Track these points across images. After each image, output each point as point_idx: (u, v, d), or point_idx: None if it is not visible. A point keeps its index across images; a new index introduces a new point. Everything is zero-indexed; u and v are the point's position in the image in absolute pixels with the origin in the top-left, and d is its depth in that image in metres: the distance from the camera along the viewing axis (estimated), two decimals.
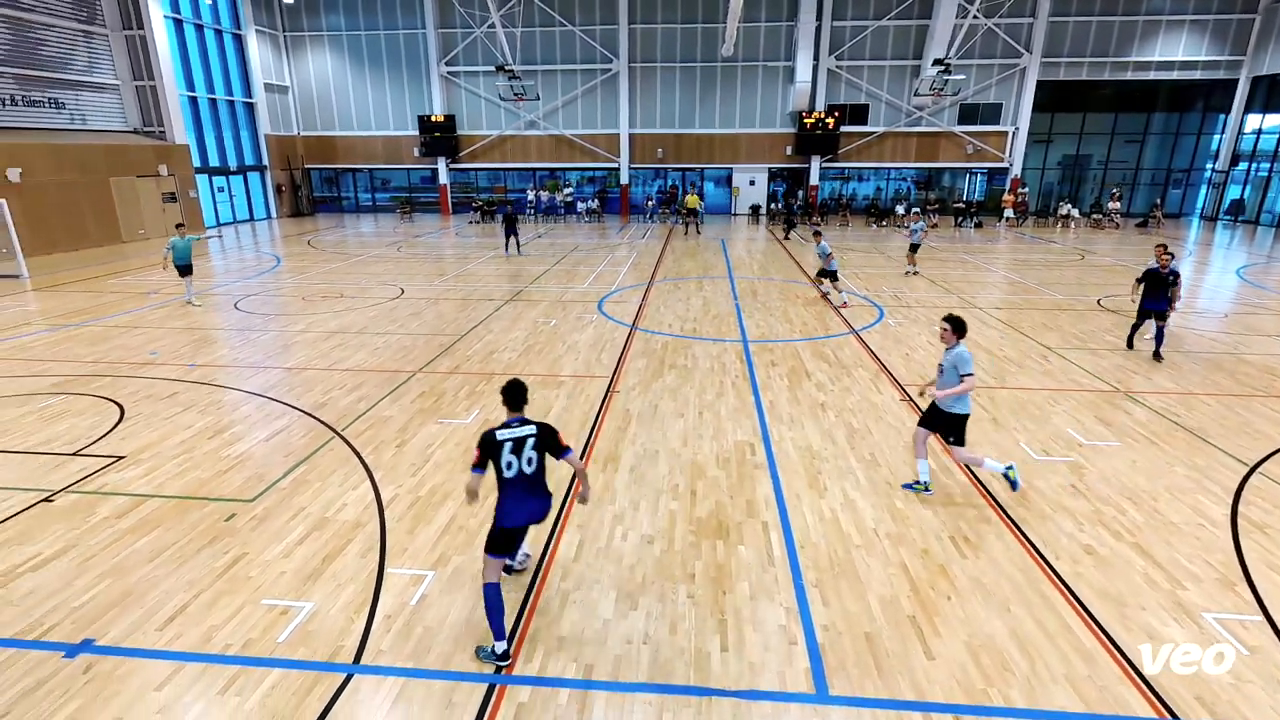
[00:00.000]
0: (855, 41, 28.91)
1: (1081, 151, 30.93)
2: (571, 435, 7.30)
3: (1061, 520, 5.65)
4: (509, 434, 4.01)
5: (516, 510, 4.08)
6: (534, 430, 4.07)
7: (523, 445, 4.02)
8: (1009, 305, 13.66)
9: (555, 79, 30.51)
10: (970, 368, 5.57)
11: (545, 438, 4.09)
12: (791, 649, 4.20)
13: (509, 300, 14.05)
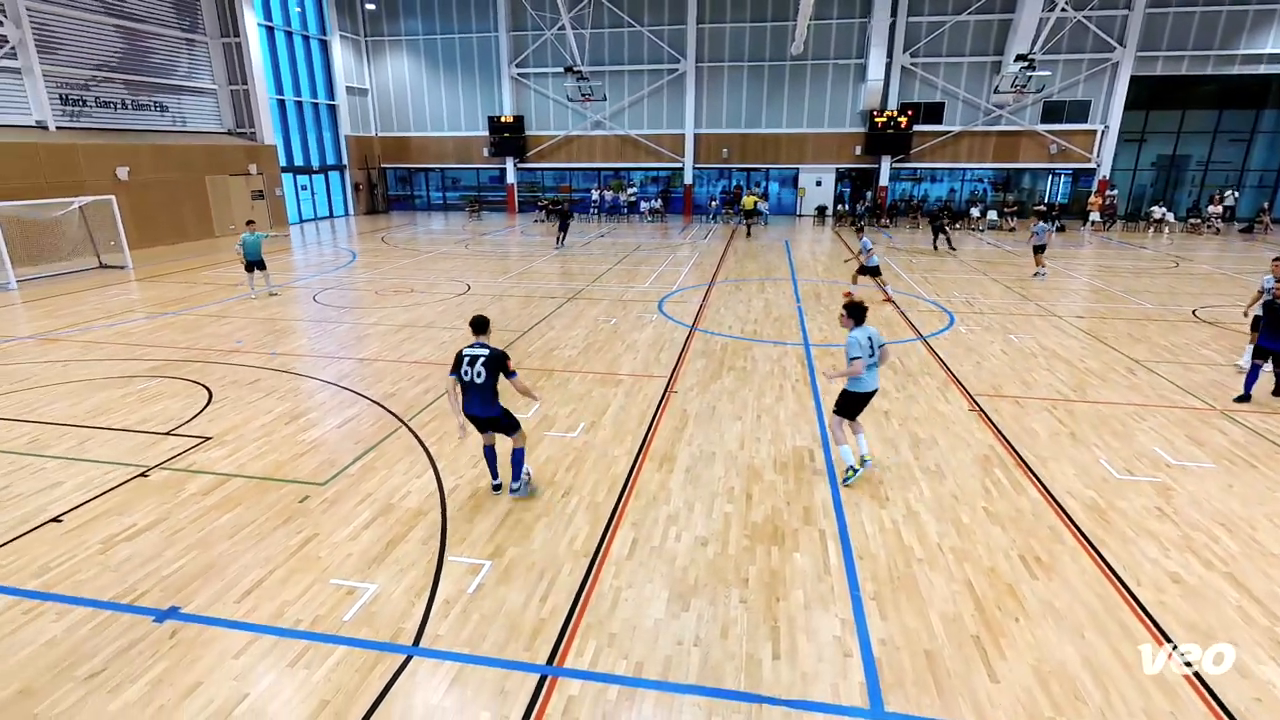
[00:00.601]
0: (932, 38, 27.91)
1: (1179, 151, 28.91)
2: (629, 434, 7.34)
3: (1145, 544, 5.30)
4: (469, 351, 5.57)
5: (468, 405, 5.69)
6: (486, 353, 5.52)
7: (475, 361, 5.51)
8: (1092, 314, 12.92)
9: (622, 79, 30.73)
10: (855, 351, 6.03)
11: (493, 360, 5.51)
12: (846, 661, 4.10)
13: (570, 298, 14.24)
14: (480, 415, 5.70)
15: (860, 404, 6.31)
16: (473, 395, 5.59)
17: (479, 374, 5.49)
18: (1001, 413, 7.97)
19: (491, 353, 5.51)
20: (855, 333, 6.11)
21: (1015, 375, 9.31)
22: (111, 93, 21.87)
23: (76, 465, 6.59)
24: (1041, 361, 9.92)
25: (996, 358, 10.11)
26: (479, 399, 5.60)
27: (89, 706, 3.75)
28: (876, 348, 6.14)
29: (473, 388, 5.55)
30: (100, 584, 4.79)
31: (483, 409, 5.65)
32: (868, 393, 6.25)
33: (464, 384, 5.57)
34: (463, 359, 5.52)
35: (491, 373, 5.50)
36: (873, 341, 6.11)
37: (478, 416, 5.72)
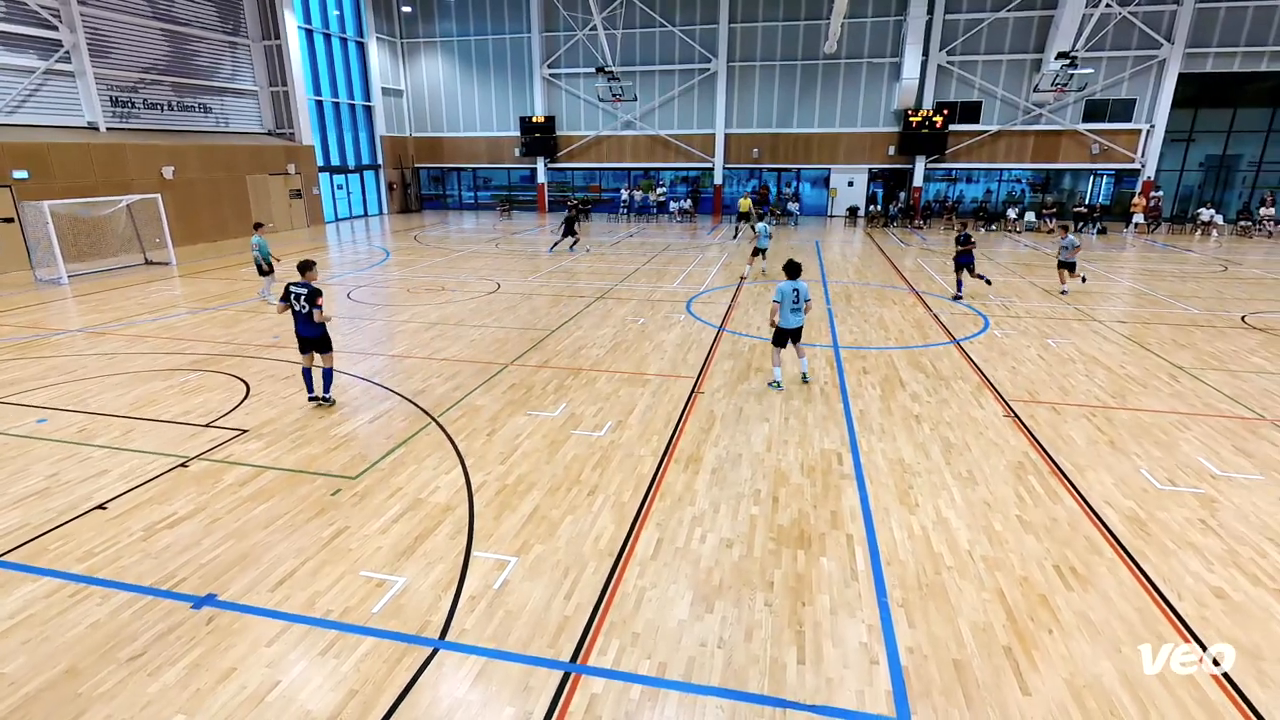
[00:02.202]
0: (969, 35, 27.36)
1: (1229, 151, 27.88)
2: (655, 434, 7.34)
3: (1187, 558, 5.13)
4: (294, 288, 7.51)
5: (298, 327, 7.70)
6: (305, 289, 7.48)
7: (300, 296, 7.50)
8: (1134, 319, 12.54)
9: (653, 79, 30.74)
10: (776, 298, 8.35)
11: (310, 295, 7.46)
12: (873, 668, 4.04)
13: (599, 297, 14.29)
14: (306, 335, 7.64)
15: (784, 336, 8.55)
16: (299, 321, 7.59)
17: (303, 306, 7.45)
18: (1037, 419, 7.79)
19: (309, 289, 7.47)
20: (783, 285, 8.38)
21: (1052, 381, 9.08)
22: (159, 94, 22.60)
23: (121, 455, 6.82)
24: (1080, 367, 9.66)
25: (1033, 362, 9.87)
26: (304, 325, 7.58)
27: (129, 687, 3.88)
28: (802, 300, 8.42)
29: (298, 315, 7.54)
30: (141, 570, 4.95)
31: (306, 331, 7.61)
32: (790, 329, 8.48)
33: (294, 312, 7.57)
34: (289, 292, 7.49)
35: (309, 303, 7.42)
36: (798, 293, 8.38)
37: (304, 336, 7.66)
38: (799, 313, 8.42)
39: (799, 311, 8.40)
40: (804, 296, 8.41)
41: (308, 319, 7.54)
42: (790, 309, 8.36)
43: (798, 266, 8.42)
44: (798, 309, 8.38)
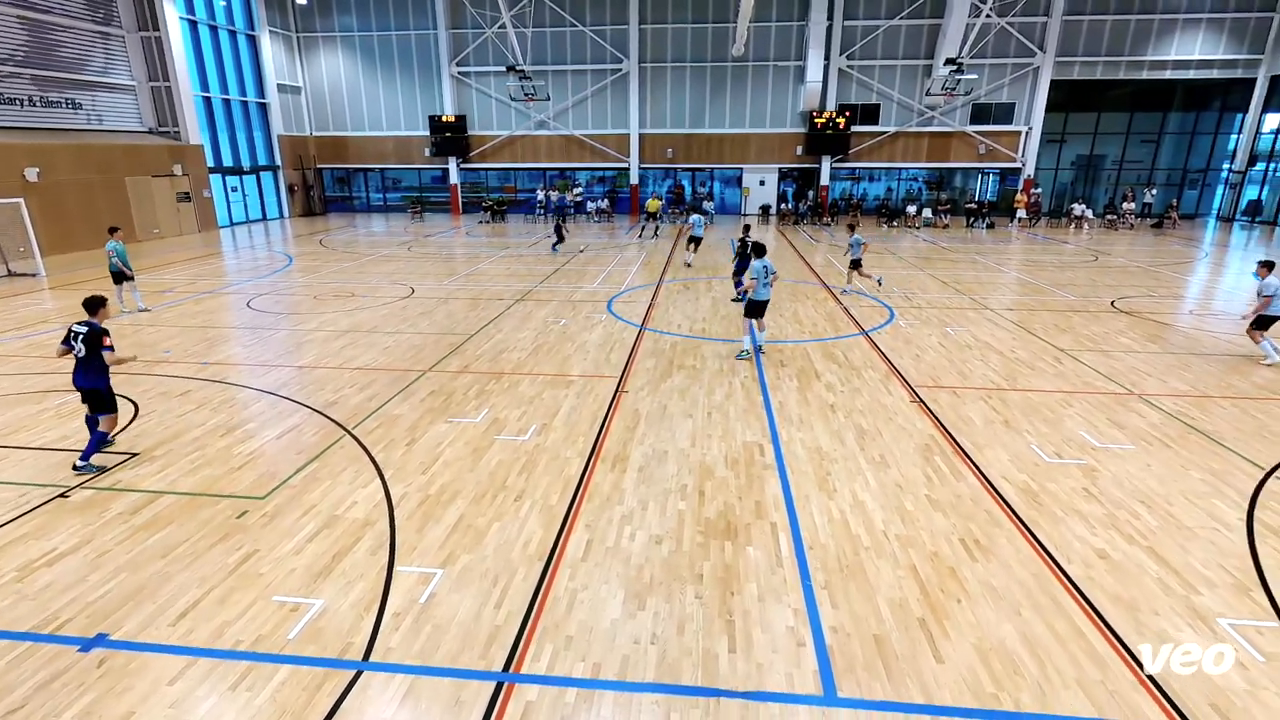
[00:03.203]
0: (866, 41, 28.78)
1: (1096, 151, 30.63)
2: (581, 435, 7.31)
3: (1074, 524, 5.60)
4: (75, 327, 6.24)
5: (74, 376, 6.33)
6: (85, 330, 6.18)
7: (78, 336, 6.19)
8: (1021, 306, 13.56)
9: (565, 79, 30.58)
10: (753, 275, 9.61)
11: (91, 336, 6.17)
12: (800, 650, 4.19)
13: (519, 299, 14.09)
14: (80, 385, 6.32)
15: (759, 308, 9.82)
16: (78, 368, 6.27)
17: (80, 349, 6.18)
18: (940, 403, 8.29)
19: (90, 330, 6.18)
20: (755, 263, 9.68)
21: (952, 367, 9.69)
22: (17, 88, 20.47)
23: None
24: (976, 353, 10.36)
25: (935, 350, 10.50)
26: (80, 372, 6.27)
27: None
28: (770, 274, 9.70)
29: (78, 360, 6.24)
30: (17, 614, 4.48)
31: (81, 379, 6.29)
32: (762, 301, 9.76)
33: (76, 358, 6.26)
34: (70, 333, 6.25)
35: (89, 347, 6.15)
36: (767, 270, 9.65)
37: (81, 388, 6.33)
38: (768, 287, 9.78)
39: (768, 286, 9.77)
40: (771, 271, 9.78)
41: (86, 365, 6.21)
42: (763, 283, 9.65)
43: (763, 247, 10.06)
44: (767, 284, 9.73)
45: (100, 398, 6.36)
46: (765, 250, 9.96)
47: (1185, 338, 11.26)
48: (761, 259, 9.74)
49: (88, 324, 6.26)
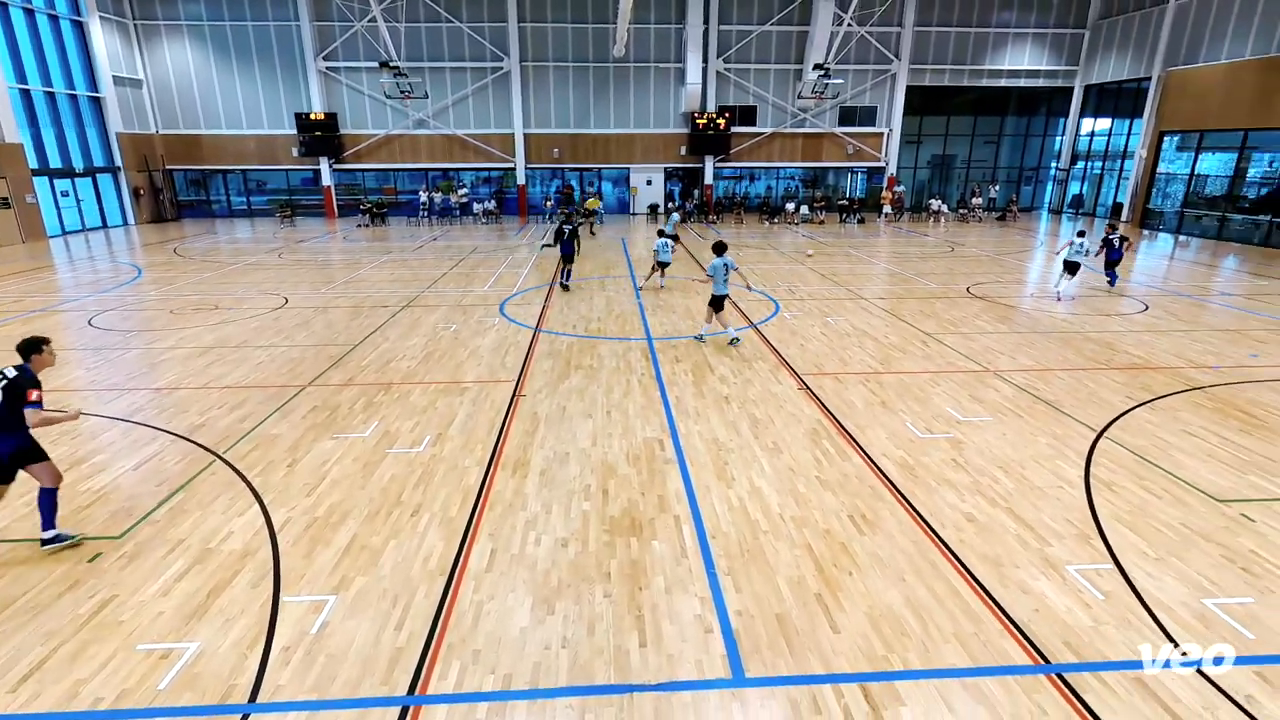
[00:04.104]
0: (741, 45, 29.92)
1: (947, 151, 33.56)
2: (479, 442, 7.13)
3: (945, 492, 6.12)
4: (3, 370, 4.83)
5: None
6: (11, 375, 4.77)
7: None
8: (891, 295, 14.62)
9: (444, 76, 29.61)
10: (711, 271, 10.29)
11: (12, 387, 4.74)
12: (708, 637, 4.30)
13: (405, 306, 13.51)
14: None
15: (720, 302, 10.36)
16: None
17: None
18: (825, 389, 8.79)
19: (15, 377, 4.76)
20: (715, 261, 10.21)
21: (834, 354, 10.30)
22: None
23: None
24: (854, 340, 11.06)
25: (817, 339, 11.11)
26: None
27: None
28: (730, 270, 10.25)
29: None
30: None
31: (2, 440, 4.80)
32: (722, 295, 10.30)
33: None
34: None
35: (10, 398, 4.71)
36: (727, 267, 10.21)
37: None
38: (727, 282, 10.33)
39: (727, 281, 10.31)
40: (731, 267, 10.30)
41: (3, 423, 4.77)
42: (721, 279, 10.20)
43: (724, 245, 10.50)
44: (726, 280, 10.29)
45: (26, 455, 4.92)
46: (725, 248, 10.37)
47: (1028, 318, 12.59)
48: (721, 256, 10.19)
49: (19, 368, 4.86)
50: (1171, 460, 6.70)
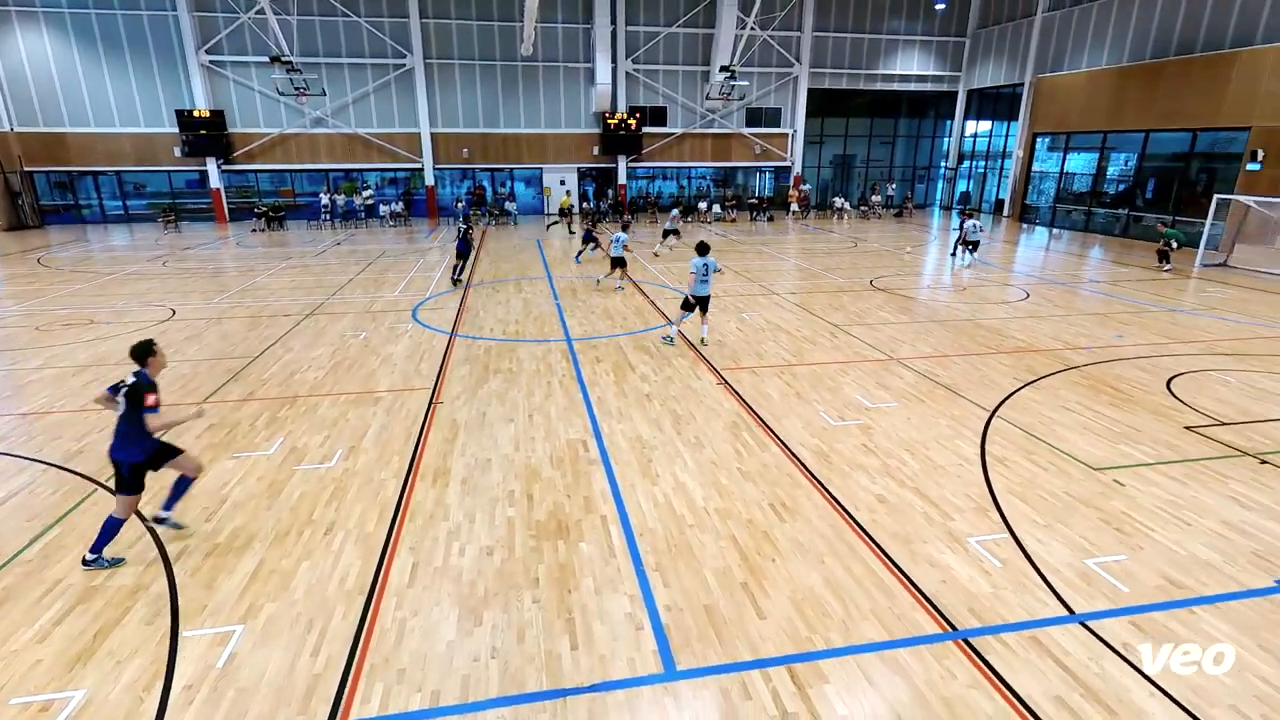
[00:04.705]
0: (650, 46, 30.22)
1: (848, 151, 35.19)
2: (395, 453, 6.87)
3: (858, 476, 6.42)
4: (123, 380, 4.91)
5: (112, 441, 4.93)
6: (130, 382, 4.86)
7: (121, 389, 4.86)
8: (801, 290, 15.19)
9: (342, 73, 28.26)
10: (692, 270, 10.08)
11: (134, 392, 4.84)
12: (639, 634, 4.33)
13: (308, 314, 12.82)
14: (110, 455, 4.94)
15: (695, 302, 10.23)
16: (117, 427, 4.91)
17: (120, 403, 4.88)
18: (743, 382, 9.03)
19: (133, 384, 4.86)
20: (696, 260, 10.07)
21: (749, 348, 10.59)
22: None
23: None
24: (768, 334, 11.42)
25: (734, 335, 11.39)
26: (117, 431, 4.91)
27: None
28: (711, 271, 10.08)
29: (119, 419, 4.90)
30: None
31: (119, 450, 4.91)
32: (700, 296, 10.18)
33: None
34: (118, 387, 4.92)
35: (129, 403, 4.84)
36: (708, 267, 10.04)
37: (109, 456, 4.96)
38: (707, 283, 10.14)
39: (707, 282, 10.12)
40: (713, 269, 10.10)
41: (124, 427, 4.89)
42: (701, 280, 10.04)
43: (707, 246, 10.29)
44: (706, 280, 10.09)
45: (121, 474, 4.90)
46: (708, 249, 10.23)
47: (926, 308, 13.40)
48: (703, 256, 10.07)
49: (137, 374, 4.92)
50: (1054, 435, 7.31)
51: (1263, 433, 7.34)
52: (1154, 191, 23.88)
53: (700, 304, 10.27)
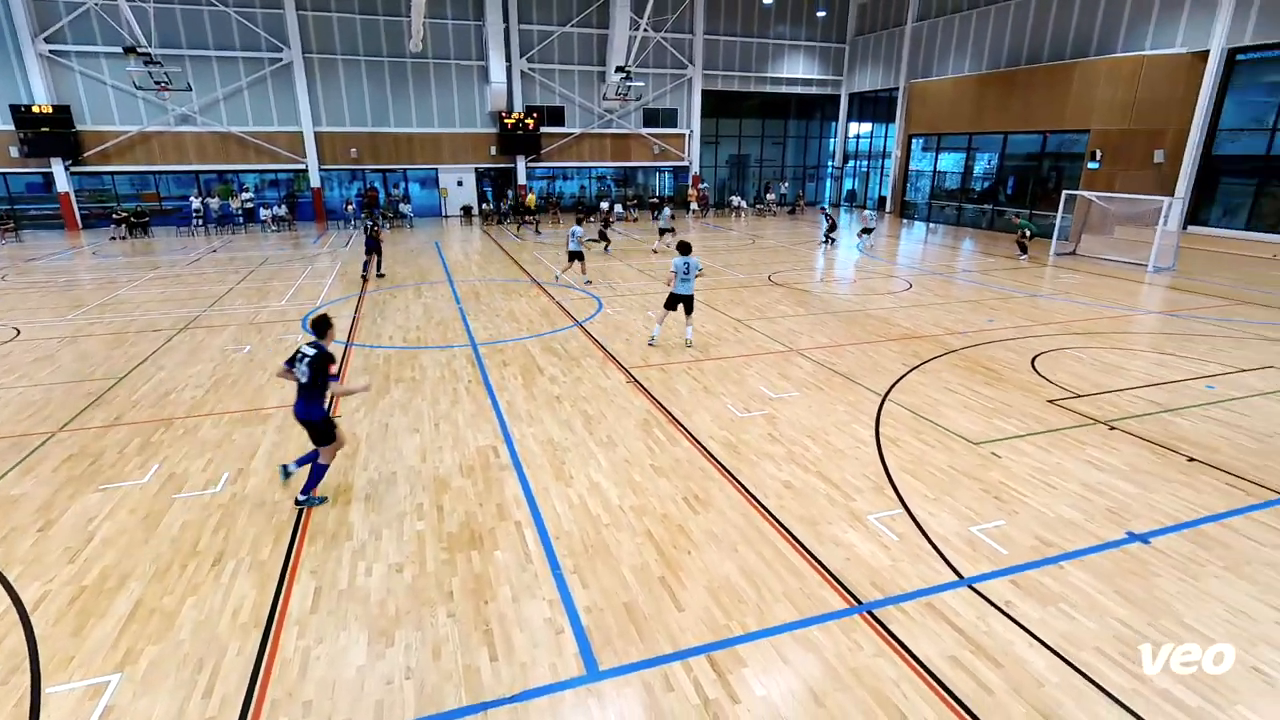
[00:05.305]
0: (544, 45, 29.94)
1: (742, 151, 36.37)
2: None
3: (765, 464, 6.66)
4: (301, 348, 5.54)
5: (295, 404, 5.64)
6: (313, 352, 5.46)
7: (304, 359, 5.46)
8: (703, 286, 15.52)
9: (210, 66, 26.15)
10: (674, 269, 10.02)
11: (318, 361, 5.45)
12: (559, 638, 4.29)
13: (182, 329, 11.80)
14: (298, 416, 5.64)
15: (675, 300, 10.23)
16: (298, 394, 5.59)
17: (303, 372, 5.46)
18: (651, 379, 9.14)
19: (317, 354, 5.47)
20: (677, 259, 10.10)
21: (657, 346, 10.73)
22: None
23: None
24: (675, 332, 11.61)
25: (641, 333, 11.50)
26: (300, 399, 5.58)
27: None
28: (693, 270, 10.10)
29: (299, 386, 5.55)
30: None
31: (301, 408, 5.59)
32: (681, 295, 10.16)
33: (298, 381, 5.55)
34: (295, 354, 5.56)
35: (313, 372, 5.44)
36: (689, 266, 10.06)
37: (300, 419, 5.65)
38: (688, 282, 10.13)
39: (688, 281, 10.12)
40: (694, 268, 10.12)
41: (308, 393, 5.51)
42: (681, 278, 10.05)
43: (688, 246, 10.32)
44: (688, 279, 10.10)
45: (319, 431, 5.64)
46: (690, 248, 10.24)
47: (820, 301, 14.09)
48: (684, 256, 10.08)
49: (316, 345, 5.53)
50: (938, 414, 7.89)
51: (1111, 402, 8.25)
52: (1014, 188, 26.22)
53: (684, 303, 10.25)
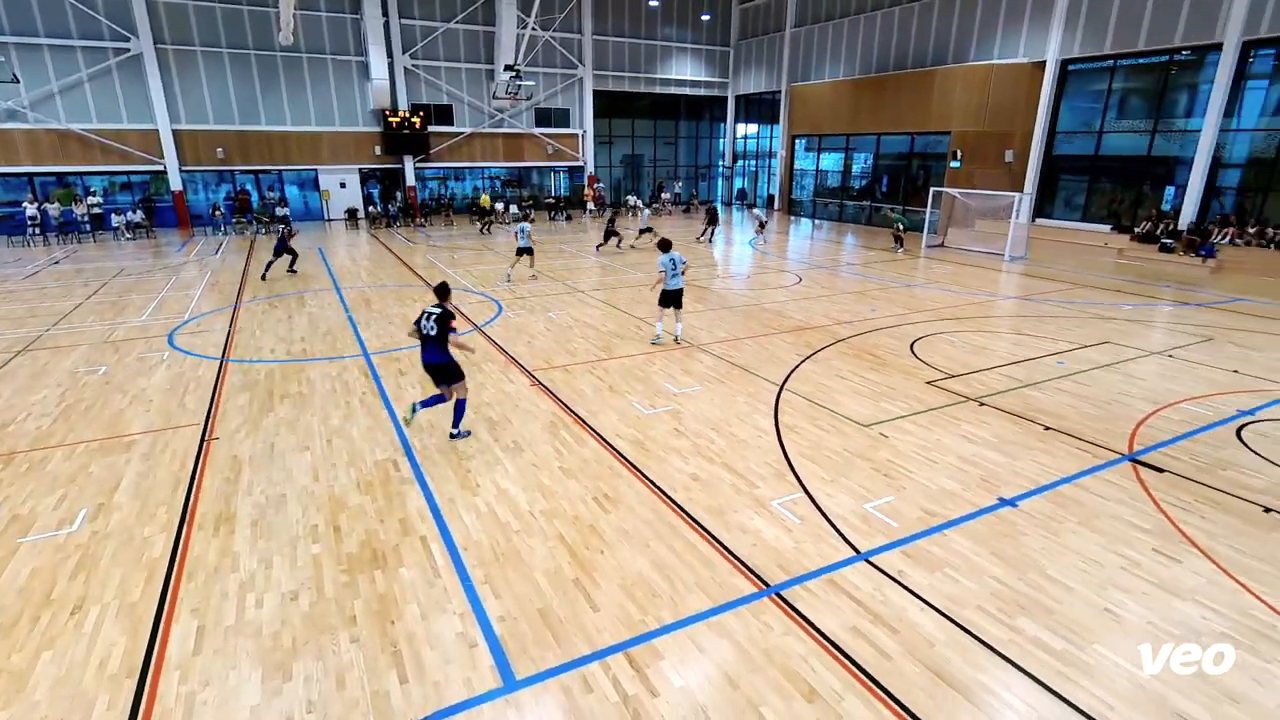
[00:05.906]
0: (428, 41, 28.91)
1: (636, 151, 36.76)
2: (161, 504, 5.90)
3: (672, 459, 6.78)
4: (427, 309, 6.81)
5: (424, 354, 6.87)
6: (438, 311, 6.76)
7: (430, 317, 6.74)
8: (605, 286, 15.60)
9: (42, 56, 23.30)
10: (661, 268, 10.19)
11: (442, 318, 6.74)
12: (473, 651, 4.18)
13: (18, 352, 10.47)
14: (428, 361, 6.86)
15: (670, 297, 10.36)
16: (428, 346, 6.79)
17: (431, 328, 6.69)
18: (556, 381, 9.06)
19: (441, 312, 6.75)
20: (662, 256, 10.18)
21: (560, 347, 10.66)
22: None
23: None
24: (577, 332, 11.58)
25: (543, 335, 11.38)
26: (430, 349, 6.79)
27: None
28: (679, 265, 10.19)
29: (426, 339, 6.76)
30: None
31: (430, 356, 6.82)
32: (674, 290, 10.28)
33: (422, 336, 6.76)
34: (422, 315, 6.78)
35: (440, 326, 6.68)
36: (675, 262, 10.14)
37: (430, 364, 6.86)
38: (678, 277, 10.21)
39: (678, 276, 10.21)
40: (680, 262, 10.23)
41: (435, 344, 6.76)
42: (671, 275, 10.13)
43: (669, 243, 10.49)
44: (677, 275, 10.19)
45: (448, 371, 6.85)
46: (670, 245, 10.39)
47: (718, 296, 14.50)
48: (668, 253, 10.16)
49: (439, 306, 6.78)
50: (831, 400, 8.33)
51: (980, 380, 9.03)
52: (888, 186, 28.12)
53: (674, 300, 10.38)
